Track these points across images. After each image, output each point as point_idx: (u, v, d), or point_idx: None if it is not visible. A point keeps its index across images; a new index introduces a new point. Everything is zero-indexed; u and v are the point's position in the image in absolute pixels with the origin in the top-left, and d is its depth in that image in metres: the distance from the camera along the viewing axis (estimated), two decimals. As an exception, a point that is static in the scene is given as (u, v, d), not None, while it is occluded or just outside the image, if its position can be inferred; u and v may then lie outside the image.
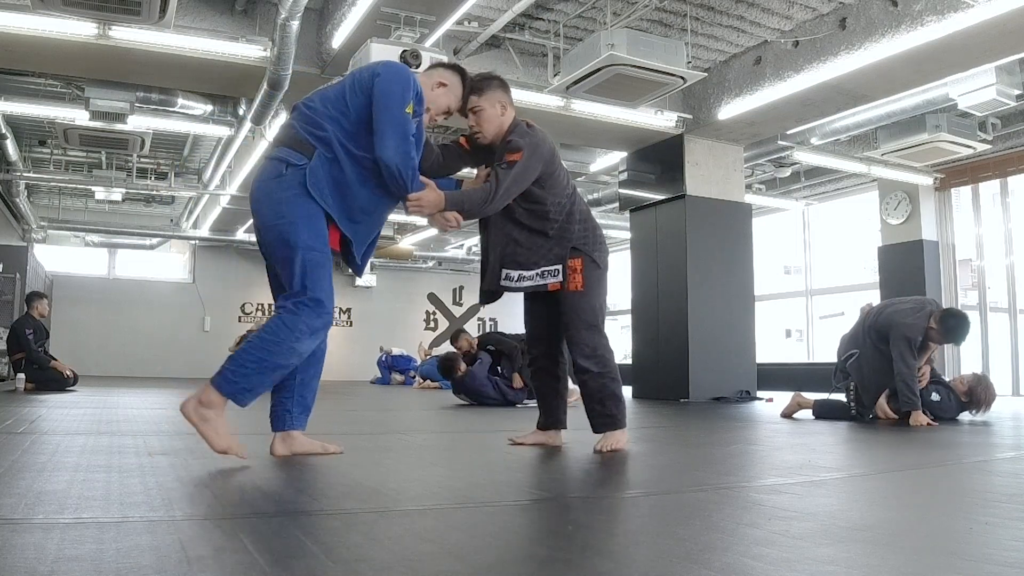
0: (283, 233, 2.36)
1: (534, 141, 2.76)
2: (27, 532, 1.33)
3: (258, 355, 2.26)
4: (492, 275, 2.86)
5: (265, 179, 2.43)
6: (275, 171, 2.42)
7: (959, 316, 4.54)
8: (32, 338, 7.28)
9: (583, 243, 2.92)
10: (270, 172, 2.42)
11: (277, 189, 2.39)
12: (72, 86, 6.98)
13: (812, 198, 10.96)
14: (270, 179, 2.41)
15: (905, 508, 1.83)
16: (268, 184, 2.41)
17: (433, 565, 1.19)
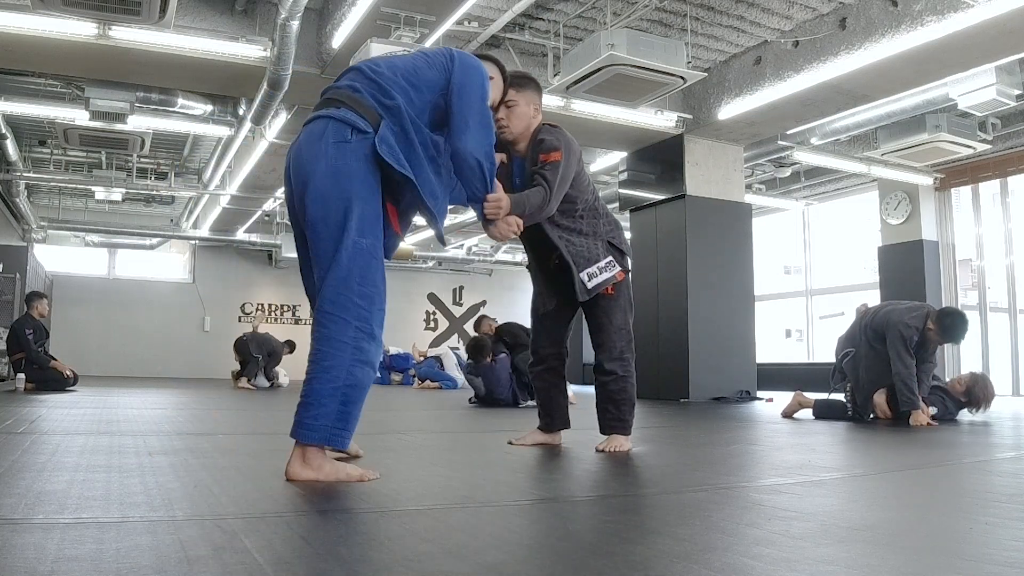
0: (341, 211, 1.98)
1: (567, 139, 2.75)
2: (27, 532, 1.33)
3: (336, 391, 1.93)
4: (579, 285, 2.79)
5: (323, 141, 2.03)
6: (338, 134, 2.04)
7: (956, 315, 4.55)
8: (32, 338, 7.28)
9: (612, 238, 2.90)
10: (332, 134, 2.04)
11: (339, 156, 2.02)
12: (72, 86, 6.99)
13: (812, 198, 10.96)
14: (331, 142, 2.03)
15: (905, 508, 1.83)
16: (327, 148, 2.02)
17: (433, 565, 1.19)
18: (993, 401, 4.79)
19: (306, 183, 2.02)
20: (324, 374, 1.92)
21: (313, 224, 2.01)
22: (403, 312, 16.17)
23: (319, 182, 2.01)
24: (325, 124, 2.06)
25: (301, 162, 2.06)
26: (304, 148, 2.07)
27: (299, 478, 1.92)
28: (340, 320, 1.94)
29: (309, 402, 1.93)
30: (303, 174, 2.04)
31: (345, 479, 1.94)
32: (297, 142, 2.12)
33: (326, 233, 1.98)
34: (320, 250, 2.00)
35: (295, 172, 2.07)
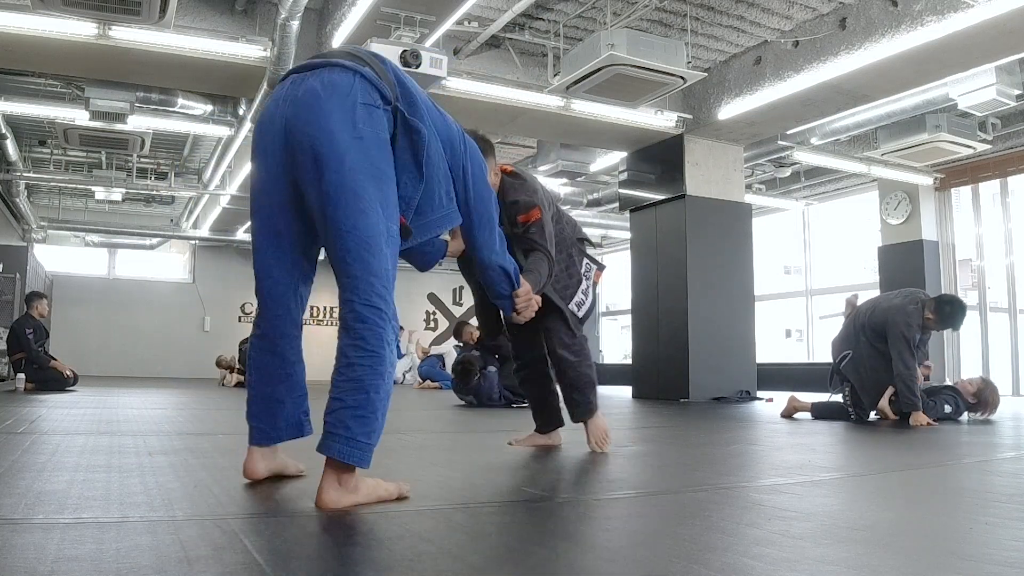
0: (374, 189, 1.67)
1: (533, 187, 2.67)
2: (27, 532, 1.33)
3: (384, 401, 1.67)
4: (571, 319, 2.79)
5: (349, 98, 1.68)
6: (366, 95, 1.70)
7: (955, 302, 4.56)
8: (32, 338, 7.28)
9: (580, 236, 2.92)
10: (361, 93, 1.70)
11: (370, 121, 1.69)
12: (72, 86, 6.99)
13: (812, 198, 10.96)
14: (360, 102, 1.69)
15: (905, 508, 1.83)
16: (356, 108, 1.68)
17: (433, 565, 1.19)
18: (998, 407, 4.82)
19: (323, 145, 1.66)
20: (380, 380, 1.64)
21: (332, 199, 1.65)
22: (403, 312, 16.06)
23: (346, 147, 1.65)
24: (351, 78, 1.71)
25: (313, 116, 1.68)
26: (318, 101, 1.68)
27: (339, 506, 1.59)
28: (385, 316, 1.68)
29: (364, 416, 1.61)
30: (315, 131, 1.67)
31: (386, 497, 1.69)
32: (298, 93, 1.72)
33: (352, 212, 1.64)
34: (343, 231, 1.65)
35: (299, 127, 1.69)
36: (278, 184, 1.77)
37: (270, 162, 1.77)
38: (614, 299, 15.49)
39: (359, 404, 1.62)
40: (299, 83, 1.75)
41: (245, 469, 1.90)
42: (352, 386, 1.62)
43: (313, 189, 1.69)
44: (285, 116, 1.73)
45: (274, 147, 1.75)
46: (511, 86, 6.66)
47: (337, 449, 1.59)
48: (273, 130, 1.76)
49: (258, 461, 1.91)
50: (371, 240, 1.67)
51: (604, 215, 11.73)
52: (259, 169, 1.82)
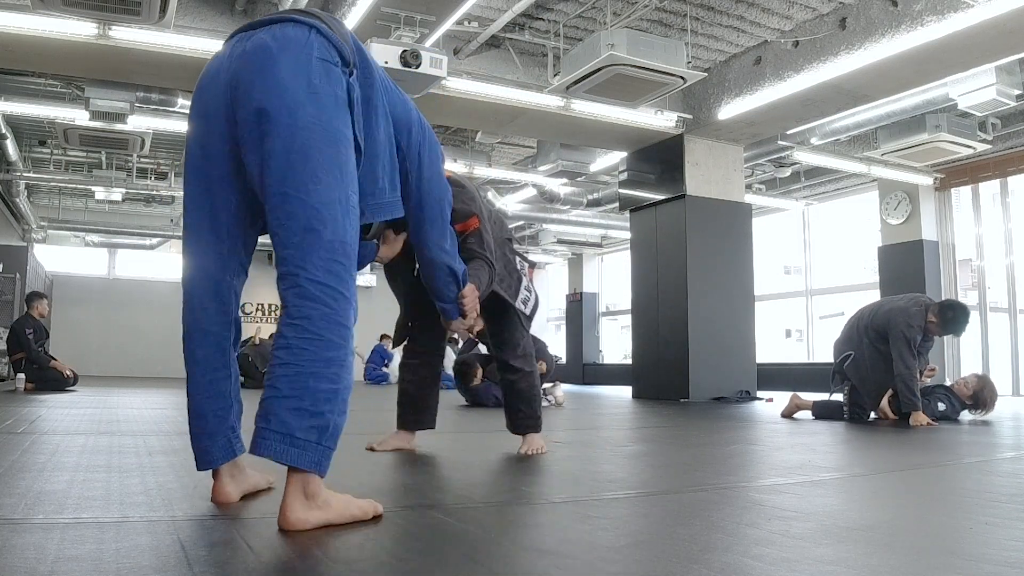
0: (332, 152, 1.48)
1: (471, 194, 2.59)
2: (27, 532, 1.33)
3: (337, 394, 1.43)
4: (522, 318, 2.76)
5: (304, 52, 1.50)
6: (323, 50, 1.52)
7: (958, 307, 4.55)
8: (32, 338, 7.28)
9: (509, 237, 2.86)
10: (317, 48, 1.52)
11: (324, 76, 1.50)
12: (72, 86, 6.99)
13: (812, 198, 10.96)
14: (316, 57, 1.50)
15: (905, 508, 1.83)
16: (312, 63, 1.49)
17: (433, 565, 1.19)
18: (996, 403, 4.81)
19: (271, 99, 1.46)
20: (326, 368, 1.41)
21: (277, 160, 1.45)
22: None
23: (298, 103, 1.46)
24: (307, 32, 1.53)
25: (262, 70, 1.48)
26: (268, 54, 1.49)
27: (306, 526, 1.37)
28: (342, 298, 1.46)
29: (303, 409, 1.38)
30: (263, 85, 1.47)
31: (360, 516, 1.46)
32: (247, 47, 1.53)
33: (300, 176, 1.44)
34: (288, 196, 1.45)
35: (245, 82, 1.49)
36: (218, 151, 1.55)
37: (210, 125, 1.55)
38: (614, 299, 15.49)
39: (296, 394, 1.38)
40: (247, 39, 1.56)
41: (214, 494, 1.64)
42: (292, 372, 1.39)
43: (255, 151, 1.47)
44: (231, 72, 1.52)
45: (215, 108, 1.54)
46: (511, 86, 6.66)
47: (272, 448, 1.36)
48: (215, 89, 1.54)
49: (227, 483, 1.64)
50: (322, 208, 1.45)
51: (604, 215, 11.73)
52: (196, 135, 1.59)
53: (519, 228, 13.93)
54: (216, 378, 1.61)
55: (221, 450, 1.63)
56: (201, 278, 1.62)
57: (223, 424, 1.63)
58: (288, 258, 1.45)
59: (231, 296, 1.65)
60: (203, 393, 1.61)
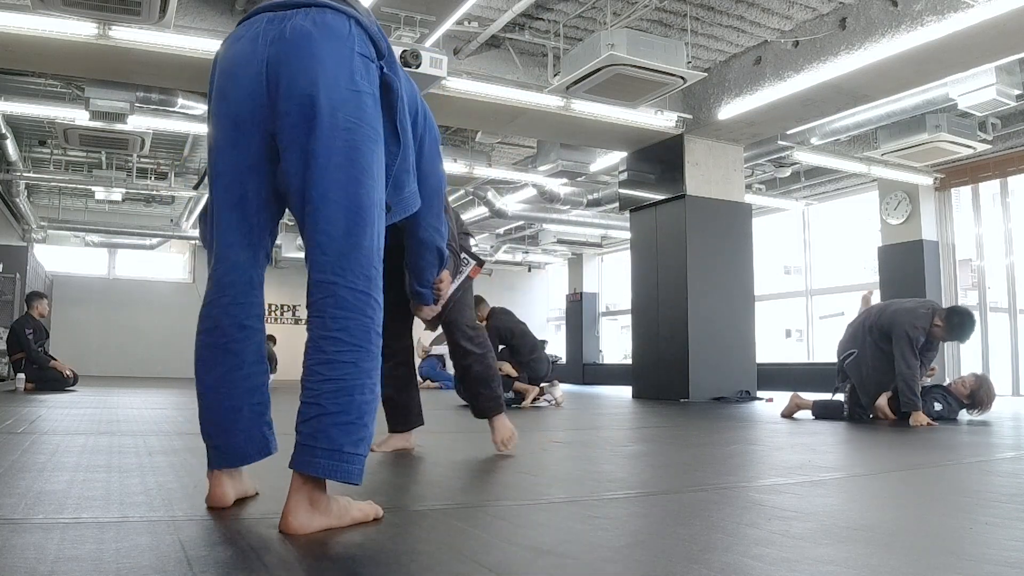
0: (370, 152, 1.46)
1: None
2: (27, 532, 1.33)
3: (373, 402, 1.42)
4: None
5: (346, 45, 1.46)
6: (363, 44, 1.48)
7: (964, 314, 4.54)
8: (32, 338, 7.28)
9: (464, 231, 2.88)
10: (358, 41, 1.48)
11: (364, 73, 1.47)
12: (72, 86, 6.99)
13: (812, 198, 10.96)
14: (356, 51, 1.47)
15: (905, 508, 1.83)
16: (354, 57, 1.46)
17: (434, 565, 1.19)
18: (994, 402, 4.81)
19: (318, 94, 1.41)
20: (366, 380, 1.40)
21: (321, 160, 1.41)
22: (403, 312, 16.12)
23: (342, 100, 1.42)
24: (347, 24, 1.47)
25: (307, 59, 1.43)
26: (311, 43, 1.43)
27: (309, 530, 1.35)
28: (377, 305, 1.44)
29: (350, 423, 1.37)
30: (310, 77, 1.42)
31: (360, 519, 1.45)
32: (285, 32, 1.46)
33: (344, 177, 1.42)
34: (330, 199, 1.41)
35: (288, 71, 1.43)
36: (250, 139, 1.49)
37: (241, 112, 1.48)
38: (614, 299, 15.49)
39: (343, 409, 1.36)
40: (281, 21, 1.48)
41: (211, 497, 1.58)
42: (332, 387, 1.37)
43: (296, 146, 1.43)
44: (267, 57, 1.45)
45: (249, 93, 1.47)
46: (511, 86, 6.66)
47: (322, 466, 1.34)
48: (249, 73, 1.46)
49: (226, 485, 1.58)
50: (364, 212, 1.43)
51: (604, 215, 11.73)
52: (225, 121, 1.51)
53: (519, 228, 13.94)
54: (252, 372, 1.57)
55: (256, 446, 1.57)
56: (235, 272, 1.56)
57: (260, 419, 1.58)
58: (325, 265, 1.41)
59: (262, 289, 1.61)
60: (238, 388, 1.55)
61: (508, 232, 14.33)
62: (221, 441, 1.56)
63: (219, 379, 1.55)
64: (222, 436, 1.56)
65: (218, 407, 1.55)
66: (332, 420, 1.36)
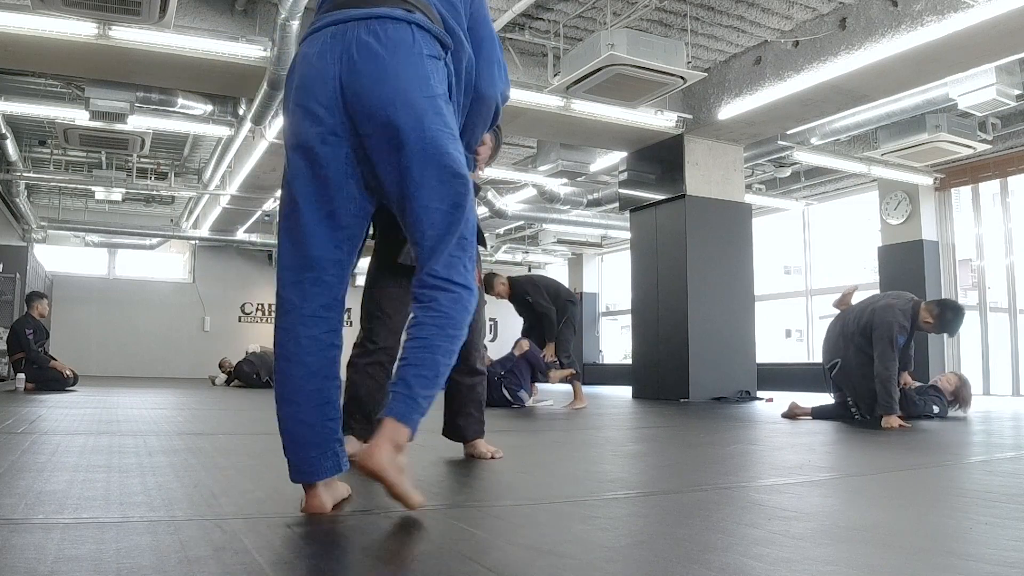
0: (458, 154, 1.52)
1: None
2: (27, 532, 1.33)
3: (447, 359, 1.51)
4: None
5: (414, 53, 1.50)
6: (428, 46, 1.53)
7: (956, 308, 4.49)
8: (32, 338, 7.28)
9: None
10: (425, 45, 1.52)
11: (435, 75, 1.52)
12: (72, 86, 6.99)
13: (812, 198, 10.96)
14: (425, 55, 1.51)
15: (905, 508, 1.83)
16: (425, 64, 1.51)
17: (434, 565, 1.19)
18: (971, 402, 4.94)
19: (397, 113, 1.46)
20: (447, 343, 1.50)
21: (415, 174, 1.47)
22: (403, 312, 16.11)
23: (422, 111, 1.47)
24: (410, 32, 1.51)
25: (379, 79, 1.46)
26: (380, 62, 1.47)
27: (384, 472, 1.40)
28: (473, 288, 1.55)
29: (424, 376, 1.47)
30: (385, 97, 1.46)
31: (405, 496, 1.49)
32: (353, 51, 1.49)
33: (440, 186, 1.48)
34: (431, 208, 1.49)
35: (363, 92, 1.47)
36: (336, 154, 1.52)
37: (323, 126, 1.50)
38: (614, 299, 15.49)
39: (422, 362, 1.47)
40: (343, 35, 1.51)
41: (310, 505, 1.54)
42: (416, 344, 1.48)
43: (387, 163, 1.49)
44: (340, 76, 1.49)
45: (329, 111, 1.50)
46: (511, 86, 6.65)
47: (398, 409, 1.43)
48: (326, 91, 1.50)
49: (322, 493, 1.56)
50: (459, 214, 1.51)
51: (604, 215, 11.73)
52: (304, 135, 1.52)
53: (519, 228, 13.93)
54: (325, 386, 1.57)
55: (329, 462, 1.55)
56: (318, 286, 1.56)
57: (332, 435, 1.56)
58: (431, 265, 1.51)
59: (343, 307, 1.62)
60: (311, 401, 1.54)
61: (508, 232, 14.33)
62: (296, 456, 1.55)
63: (297, 391, 1.55)
64: (297, 451, 1.55)
65: (292, 419, 1.55)
66: (413, 371, 1.47)
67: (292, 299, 1.56)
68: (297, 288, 1.56)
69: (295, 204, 1.55)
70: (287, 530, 1.40)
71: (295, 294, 1.56)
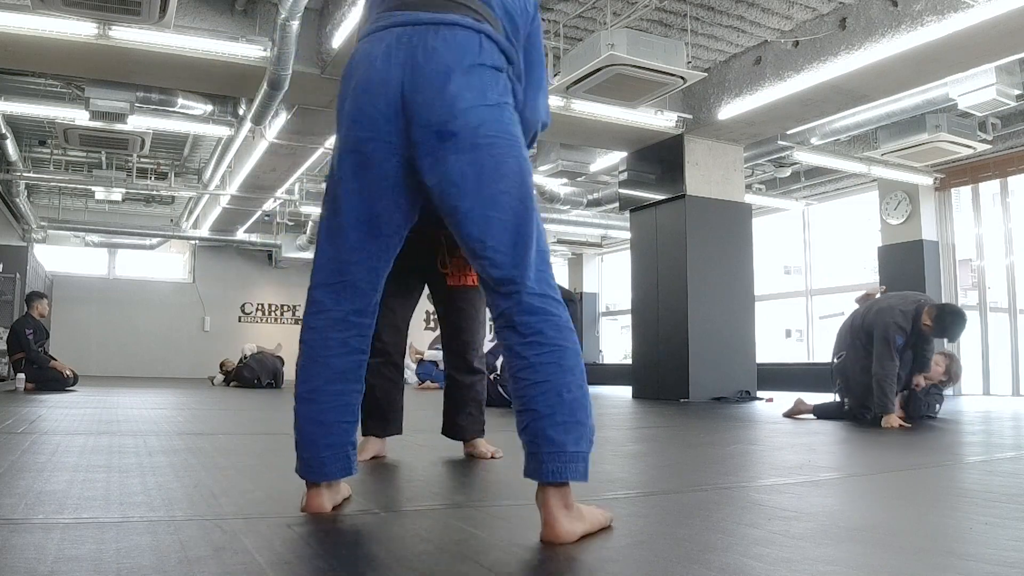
0: (521, 165, 1.47)
1: None
2: (27, 532, 1.33)
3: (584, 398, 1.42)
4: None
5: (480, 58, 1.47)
6: (493, 57, 1.50)
7: (956, 313, 4.45)
8: (32, 338, 7.28)
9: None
10: (488, 55, 1.49)
11: (501, 89, 1.49)
12: (72, 86, 6.99)
13: (812, 198, 10.96)
14: (489, 66, 1.48)
15: (905, 508, 1.83)
16: (487, 73, 1.48)
17: (434, 565, 1.19)
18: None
19: (456, 122, 1.42)
20: (570, 377, 1.41)
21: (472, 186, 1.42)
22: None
23: (480, 119, 1.43)
24: (477, 40, 1.48)
25: (441, 86, 1.43)
26: (445, 68, 1.44)
27: (574, 537, 1.34)
28: (559, 303, 1.46)
29: (564, 422, 1.37)
30: (446, 107, 1.42)
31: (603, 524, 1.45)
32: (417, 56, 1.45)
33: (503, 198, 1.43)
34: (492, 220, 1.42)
35: (423, 99, 1.43)
36: (385, 159, 1.48)
37: (378, 133, 1.47)
38: (614, 299, 15.49)
39: (556, 410, 1.37)
40: (410, 39, 1.47)
41: (308, 506, 1.56)
42: (542, 391, 1.38)
43: (443, 174, 1.43)
44: (402, 82, 1.45)
45: (386, 116, 1.46)
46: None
47: (550, 470, 1.35)
48: (387, 95, 1.46)
49: (323, 495, 1.57)
50: (524, 220, 1.44)
51: (604, 215, 11.73)
52: (356, 139, 1.50)
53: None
54: (347, 390, 1.57)
55: (340, 464, 1.56)
56: (351, 291, 1.55)
57: (347, 438, 1.57)
58: (501, 279, 1.43)
59: (375, 315, 1.60)
60: (331, 403, 1.55)
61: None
62: (308, 454, 1.56)
63: (318, 392, 1.55)
64: (309, 449, 1.55)
65: (309, 418, 1.56)
66: (548, 422, 1.37)
67: (324, 301, 1.55)
68: (331, 290, 1.54)
69: (338, 207, 1.52)
70: (287, 530, 1.40)
71: (328, 296, 1.55)
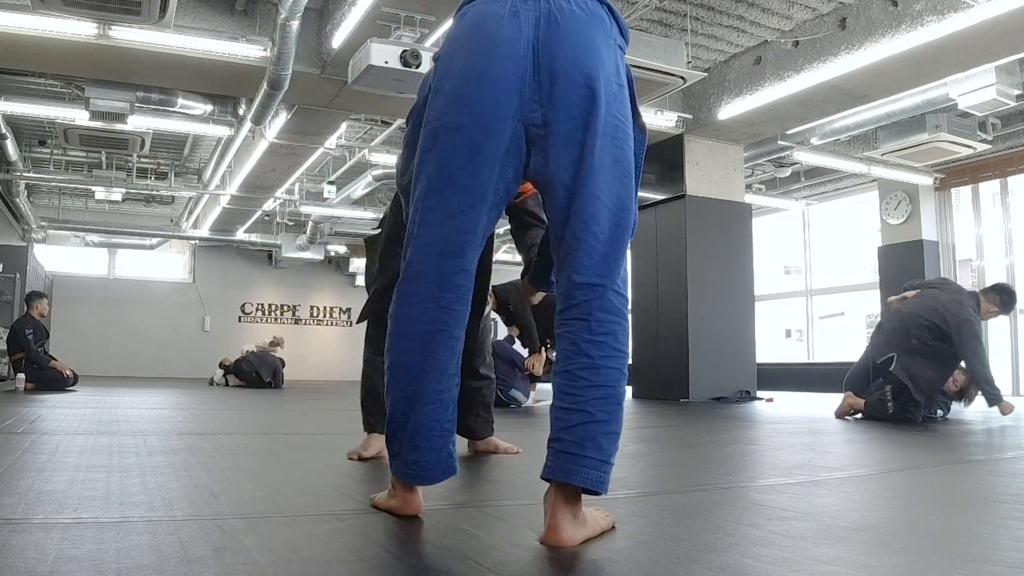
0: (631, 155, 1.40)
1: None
2: (27, 532, 1.33)
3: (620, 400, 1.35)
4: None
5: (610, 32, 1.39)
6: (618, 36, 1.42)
7: (1010, 288, 4.85)
8: (32, 338, 7.28)
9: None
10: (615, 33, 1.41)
11: (622, 64, 1.41)
12: (72, 86, 6.99)
13: (812, 198, 10.96)
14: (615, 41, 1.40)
15: (905, 508, 1.83)
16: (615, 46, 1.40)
17: (435, 565, 1.19)
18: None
19: (598, 85, 1.32)
20: (623, 385, 1.35)
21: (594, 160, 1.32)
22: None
23: (612, 96, 1.35)
24: (606, 12, 1.40)
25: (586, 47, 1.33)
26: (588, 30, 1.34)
27: (574, 543, 1.29)
28: (628, 306, 1.39)
29: (615, 432, 1.33)
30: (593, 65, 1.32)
31: (605, 528, 1.40)
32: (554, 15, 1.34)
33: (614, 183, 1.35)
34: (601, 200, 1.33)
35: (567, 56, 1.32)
36: (502, 126, 1.34)
37: (497, 95, 1.33)
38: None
39: (612, 418, 1.31)
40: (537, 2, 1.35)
41: (409, 507, 1.49)
42: (601, 395, 1.30)
43: (571, 139, 1.32)
44: (533, 40, 1.33)
45: (510, 76, 1.33)
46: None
47: (589, 477, 1.28)
48: (514, 54, 1.33)
49: (419, 493, 1.51)
50: (626, 213, 1.37)
51: (604, 215, 11.72)
52: (475, 103, 1.35)
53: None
54: (449, 386, 1.44)
55: (443, 464, 1.46)
56: (453, 273, 1.39)
57: (448, 438, 1.46)
58: (591, 267, 1.33)
59: (470, 297, 1.44)
60: (435, 402, 1.42)
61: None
62: (414, 456, 1.44)
63: (422, 392, 1.42)
64: (413, 451, 1.44)
65: (415, 422, 1.43)
66: (601, 429, 1.30)
67: (429, 287, 1.39)
68: (436, 275, 1.38)
69: (450, 181, 1.37)
70: (287, 530, 1.40)
71: (433, 282, 1.38)
